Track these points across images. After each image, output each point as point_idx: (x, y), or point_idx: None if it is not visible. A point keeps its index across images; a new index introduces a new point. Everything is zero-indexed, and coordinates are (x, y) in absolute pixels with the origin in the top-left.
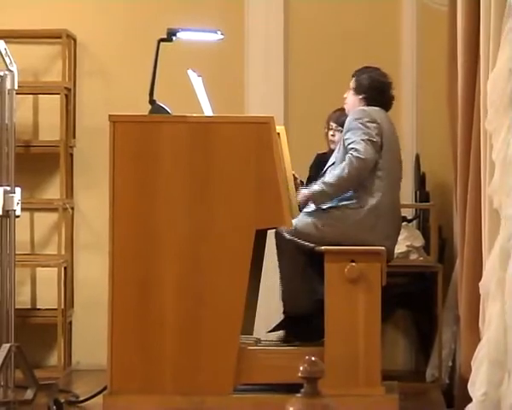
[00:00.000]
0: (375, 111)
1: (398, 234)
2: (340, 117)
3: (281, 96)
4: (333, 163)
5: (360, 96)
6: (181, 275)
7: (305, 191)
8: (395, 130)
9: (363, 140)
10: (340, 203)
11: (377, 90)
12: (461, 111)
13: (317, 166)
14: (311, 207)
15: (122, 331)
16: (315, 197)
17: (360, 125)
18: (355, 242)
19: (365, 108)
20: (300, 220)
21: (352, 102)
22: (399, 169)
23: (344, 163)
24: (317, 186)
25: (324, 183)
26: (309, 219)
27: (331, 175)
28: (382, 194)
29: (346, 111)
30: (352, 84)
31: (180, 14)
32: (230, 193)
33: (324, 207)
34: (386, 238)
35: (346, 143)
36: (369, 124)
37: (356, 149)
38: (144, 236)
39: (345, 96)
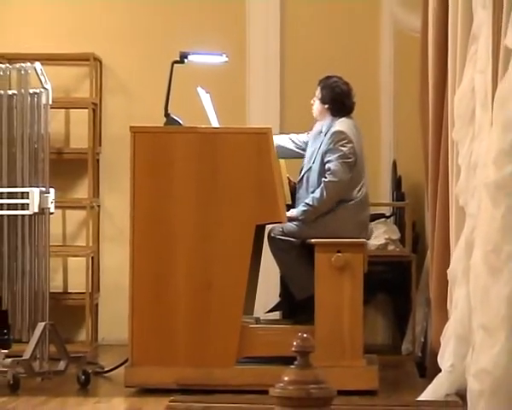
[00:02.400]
0: (348, 129)
1: (366, 229)
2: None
3: (277, 110)
4: (309, 168)
5: (325, 106)
6: (191, 263)
7: (293, 211)
8: (360, 135)
9: (339, 162)
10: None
11: (339, 101)
12: (431, 122)
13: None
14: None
15: (141, 312)
16: (301, 216)
17: (339, 147)
18: (331, 236)
19: (343, 129)
20: (287, 224)
21: (318, 110)
22: (365, 169)
23: (322, 187)
24: (302, 208)
25: (308, 205)
26: (294, 224)
27: (312, 198)
28: (355, 200)
29: (314, 116)
30: (318, 93)
31: (190, 39)
32: (234, 193)
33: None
34: (359, 231)
35: (324, 160)
36: (346, 145)
37: (332, 172)
38: (160, 229)
39: (312, 102)
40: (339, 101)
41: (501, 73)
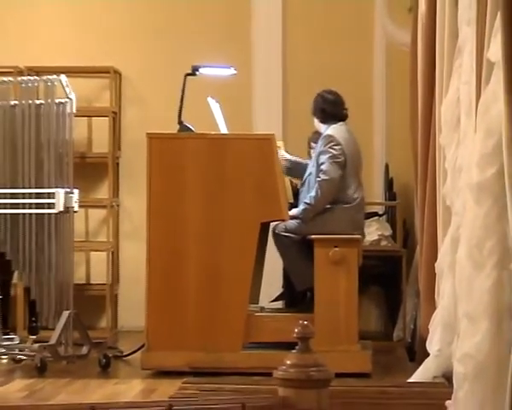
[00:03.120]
0: (338, 133)
1: (361, 229)
2: (316, 138)
3: (280, 118)
4: (310, 173)
5: (317, 120)
6: (201, 257)
7: (294, 211)
8: (355, 140)
9: (330, 162)
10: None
11: (324, 110)
12: (420, 129)
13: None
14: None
15: (156, 301)
16: (301, 215)
17: (328, 149)
18: (328, 233)
19: (331, 133)
20: (289, 222)
21: (315, 123)
22: (360, 171)
23: (316, 186)
24: (302, 207)
25: (307, 203)
26: (295, 221)
27: (309, 197)
28: (352, 204)
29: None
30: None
31: (201, 52)
32: (240, 193)
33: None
34: (354, 228)
35: (319, 162)
36: (334, 147)
37: (324, 172)
38: (173, 226)
39: None
40: (324, 110)
41: (484, 83)
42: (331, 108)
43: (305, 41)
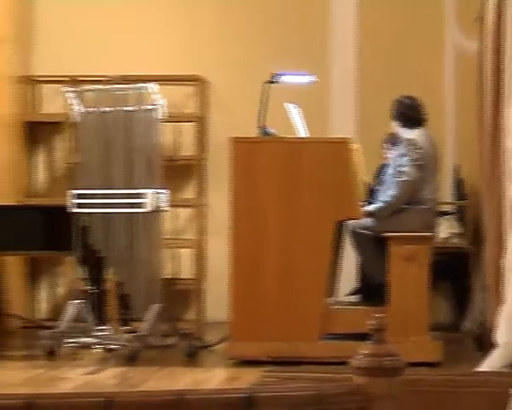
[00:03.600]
0: (419, 137)
1: (432, 230)
2: (389, 139)
3: (356, 121)
4: (388, 173)
5: (397, 124)
6: (280, 254)
7: (370, 207)
8: (435, 144)
9: (410, 165)
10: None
11: (404, 114)
12: (488, 132)
13: (378, 173)
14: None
15: (239, 294)
16: (378, 212)
17: (409, 152)
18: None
19: (413, 137)
20: (365, 220)
21: (395, 127)
22: (437, 174)
23: (395, 186)
24: (379, 204)
25: (384, 202)
26: (371, 219)
27: (387, 196)
28: (426, 205)
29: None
30: (390, 113)
31: (281, 60)
32: (316, 193)
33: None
34: (426, 228)
35: (399, 163)
36: (416, 151)
37: (404, 173)
38: (254, 225)
39: None
40: (403, 113)
41: None
42: (410, 113)
43: (380, 50)
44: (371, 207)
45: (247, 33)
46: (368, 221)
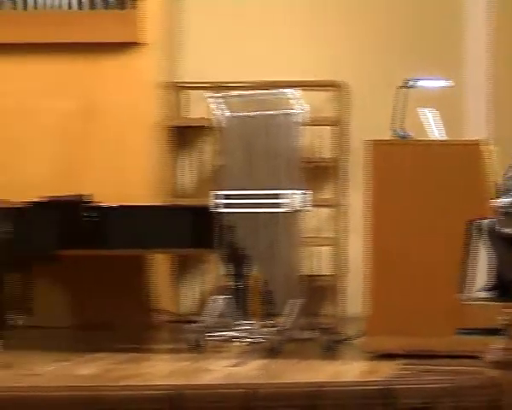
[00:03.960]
0: None
1: None
2: None
3: (491, 122)
4: None
5: None
6: (416, 251)
7: (502, 202)
8: None
9: None
10: None
11: None
12: None
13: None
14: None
15: (376, 291)
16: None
17: None
18: None
19: None
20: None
21: None
22: None
23: None
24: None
25: None
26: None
27: None
28: None
29: None
30: None
31: (415, 64)
32: (449, 193)
33: None
34: None
35: None
36: None
37: None
38: (391, 223)
39: None
40: None
41: None
42: None
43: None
44: (504, 201)
45: (382, 39)
46: (498, 220)
